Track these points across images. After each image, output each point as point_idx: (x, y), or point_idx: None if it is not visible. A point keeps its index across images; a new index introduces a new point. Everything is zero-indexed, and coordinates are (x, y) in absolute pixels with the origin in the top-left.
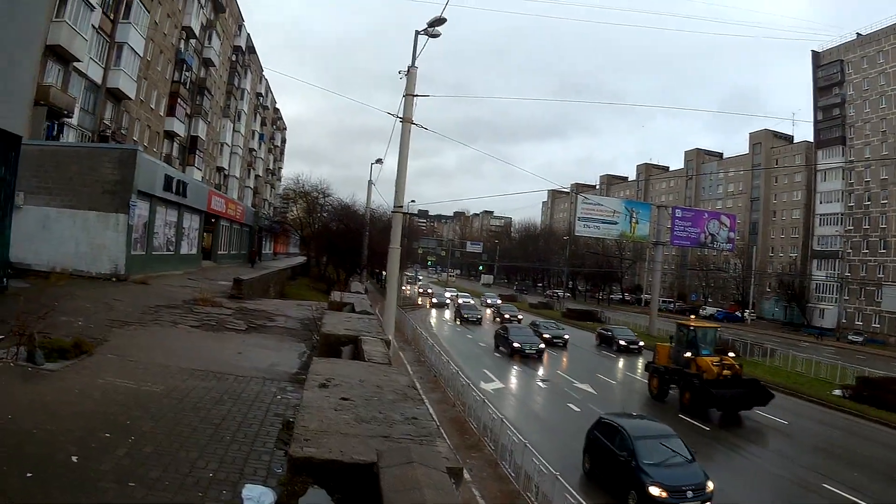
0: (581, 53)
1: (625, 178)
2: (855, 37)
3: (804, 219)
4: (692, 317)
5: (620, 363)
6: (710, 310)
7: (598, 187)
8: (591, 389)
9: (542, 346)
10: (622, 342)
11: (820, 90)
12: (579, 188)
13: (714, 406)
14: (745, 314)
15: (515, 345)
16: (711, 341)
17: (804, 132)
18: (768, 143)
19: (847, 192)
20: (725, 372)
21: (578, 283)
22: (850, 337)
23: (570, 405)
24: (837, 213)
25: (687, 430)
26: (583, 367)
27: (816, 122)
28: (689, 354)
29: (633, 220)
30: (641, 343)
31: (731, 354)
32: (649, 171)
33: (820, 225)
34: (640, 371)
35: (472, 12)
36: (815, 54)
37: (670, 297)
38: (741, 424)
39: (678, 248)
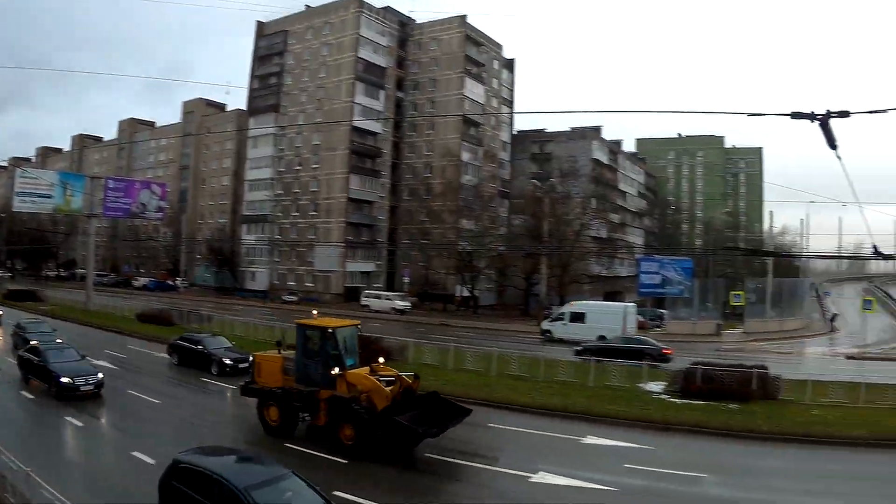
0: (24, 28)
1: (60, 150)
2: (304, 9)
3: (233, 185)
4: (315, 312)
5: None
6: (143, 280)
7: (34, 160)
8: None
9: (101, 375)
10: (227, 360)
11: (260, 59)
12: (17, 162)
13: (403, 441)
14: (178, 282)
15: (63, 379)
16: (354, 347)
17: (242, 102)
18: (201, 111)
19: (277, 157)
20: (393, 388)
21: (16, 263)
22: (284, 297)
23: None
24: (267, 179)
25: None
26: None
27: (252, 90)
28: (336, 371)
29: (68, 192)
30: (252, 357)
31: (381, 360)
32: (84, 142)
33: (249, 191)
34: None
35: None
36: (260, 24)
37: (104, 270)
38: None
39: (111, 220)
